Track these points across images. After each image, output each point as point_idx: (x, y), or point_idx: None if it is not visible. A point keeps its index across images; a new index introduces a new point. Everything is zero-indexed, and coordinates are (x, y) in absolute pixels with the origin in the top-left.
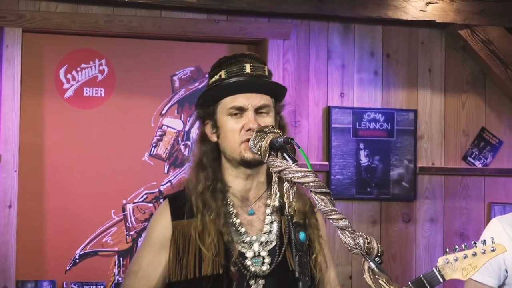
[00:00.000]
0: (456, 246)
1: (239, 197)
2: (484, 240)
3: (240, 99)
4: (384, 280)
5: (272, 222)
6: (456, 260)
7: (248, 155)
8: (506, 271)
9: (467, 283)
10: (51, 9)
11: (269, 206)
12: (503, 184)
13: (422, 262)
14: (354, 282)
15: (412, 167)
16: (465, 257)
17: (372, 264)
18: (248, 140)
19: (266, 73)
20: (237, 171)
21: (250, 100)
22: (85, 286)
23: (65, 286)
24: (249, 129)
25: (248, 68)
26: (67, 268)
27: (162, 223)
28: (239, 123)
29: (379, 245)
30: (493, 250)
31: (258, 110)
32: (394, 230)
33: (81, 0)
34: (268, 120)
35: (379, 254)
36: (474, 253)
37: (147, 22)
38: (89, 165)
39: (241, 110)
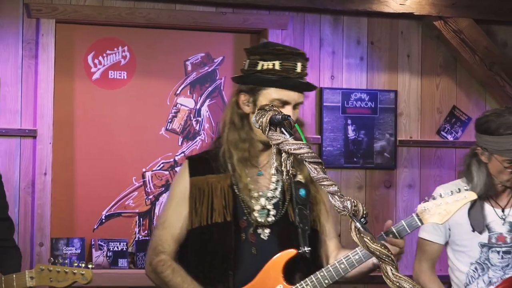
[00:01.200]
0: (433, 195)
1: (251, 160)
2: (459, 189)
3: (286, 94)
4: (368, 238)
5: (277, 181)
6: (433, 206)
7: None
8: (449, 230)
9: (419, 241)
10: (81, 3)
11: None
12: None
13: None
14: (342, 239)
15: (392, 140)
16: (441, 204)
17: (358, 224)
18: None
19: (306, 71)
20: (257, 142)
21: (294, 96)
22: (110, 243)
23: (93, 242)
24: None
25: (299, 68)
26: (95, 227)
27: (182, 180)
28: None
29: (364, 208)
30: (465, 197)
31: (295, 105)
32: (377, 195)
33: None
34: (297, 112)
35: (364, 216)
36: (448, 201)
37: (164, 14)
38: (113, 138)
39: (284, 104)
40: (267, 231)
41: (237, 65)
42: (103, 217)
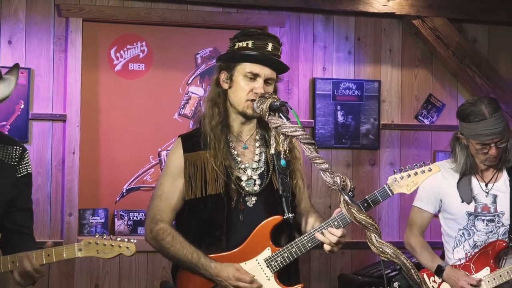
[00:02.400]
0: (402, 167)
1: (235, 134)
2: (423, 162)
3: (257, 68)
4: (355, 209)
5: (261, 153)
6: (402, 178)
7: (249, 111)
8: (441, 201)
9: (412, 209)
10: (104, 4)
11: (258, 141)
12: (445, 137)
13: None
14: (332, 210)
15: (376, 123)
16: (409, 176)
17: (346, 197)
18: (252, 100)
19: (279, 53)
20: (237, 115)
21: (264, 71)
22: (130, 213)
23: (115, 213)
24: (256, 93)
25: (269, 47)
26: (117, 199)
27: (176, 156)
28: (250, 85)
29: (351, 183)
30: (430, 170)
31: (266, 80)
32: (363, 171)
33: None
34: (270, 88)
35: (351, 190)
36: (415, 173)
37: (177, 14)
38: (133, 122)
39: (255, 76)
40: (253, 199)
41: None
42: (124, 191)
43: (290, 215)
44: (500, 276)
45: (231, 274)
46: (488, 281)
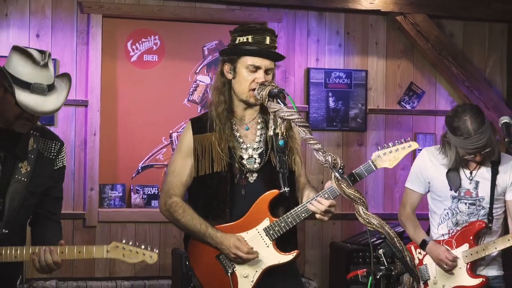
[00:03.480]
0: (385, 144)
1: (239, 118)
2: (404, 139)
3: (258, 60)
4: (344, 184)
5: (261, 134)
6: (384, 154)
7: (251, 100)
8: (429, 183)
9: (405, 190)
10: (122, 2)
11: (259, 124)
12: (424, 120)
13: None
14: (324, 186)
15: (364, 108)
16: (391, 152)
17: (337, 174)
18: (254, 89)
19: (276, 44)
20: (239, 102)
21: (264, 62)
22: (145, 188)
23: (131, 187)
24: (257, 83)
25: (268, 40)
26: (133, 176)
27: (187, 137)
28: (252, 76)
29: (341, 161)
30: (409, 146)
31: (266, 70)
32: (351, 151)
33: None
34: (269, 77)
35: (341, 167)
36: (396, 149)
37: (186, 10)
38: (147, 107)
39: (256, 68)
40: (254, 175)
41: None
42: (139, 168)
43: (286, 189)
44: (477, 252)
45: (232, 243)
46: (466, 256)
